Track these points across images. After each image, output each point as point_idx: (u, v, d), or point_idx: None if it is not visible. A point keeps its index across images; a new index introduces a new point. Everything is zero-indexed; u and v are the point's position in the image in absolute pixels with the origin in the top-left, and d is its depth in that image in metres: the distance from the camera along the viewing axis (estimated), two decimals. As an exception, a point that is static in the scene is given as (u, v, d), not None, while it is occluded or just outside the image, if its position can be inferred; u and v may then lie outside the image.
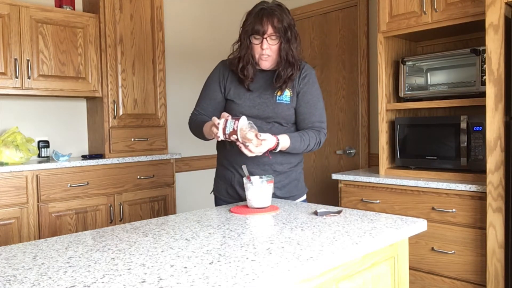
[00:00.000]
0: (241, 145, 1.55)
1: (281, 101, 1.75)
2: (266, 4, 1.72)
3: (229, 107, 1.80)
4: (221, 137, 1.55)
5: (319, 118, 1.80)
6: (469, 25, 2.41)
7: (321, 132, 1.79)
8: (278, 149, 1.65)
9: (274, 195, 1.79)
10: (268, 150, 1.61)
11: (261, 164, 1.77)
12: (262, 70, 1.80)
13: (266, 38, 1.68)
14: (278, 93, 1.76)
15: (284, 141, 1.66)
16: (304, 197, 1.92)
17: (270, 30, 1.67)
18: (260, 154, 1.58)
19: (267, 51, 1.70)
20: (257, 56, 1.73)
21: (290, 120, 1.79)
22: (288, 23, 1.70)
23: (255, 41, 1.71)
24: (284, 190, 1.82)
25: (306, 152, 1.78)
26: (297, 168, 1.87)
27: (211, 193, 1.97)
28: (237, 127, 1.51)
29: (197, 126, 1.82)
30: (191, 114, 1.91)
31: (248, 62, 1.73)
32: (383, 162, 2.73)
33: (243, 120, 1.53)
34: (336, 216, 1.42)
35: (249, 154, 1.56)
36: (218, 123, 1.54)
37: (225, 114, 1.57)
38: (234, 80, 1.80)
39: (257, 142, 1.53)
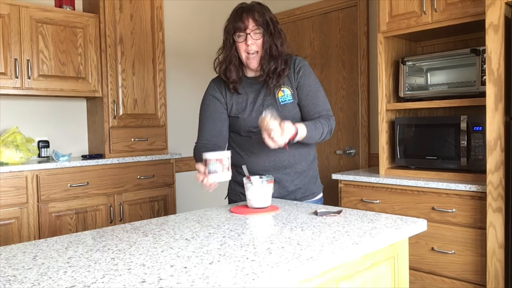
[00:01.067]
0: (265, 135, 1.45)
1: (285, 102, 1.72)
2: (245, 4, 1.70)
3: (235, 124, 1.74)
4: (229, 175, 1.48)
5: (323, 106, 1.75)
6: (469, 25, 2.41)
7: (330, 119, 1.74)
8: (296, 139, 1.54)
9: (294, 198, 1.78)
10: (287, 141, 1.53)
11: (282, 168, 1.74)
12: (254, 79, 1.76)
13: (249, 34, 1.65)
14: (280, 95, 1.72)
15: (302, 130, 1.57)
16: (321, 194, 1.89)
17: (251, 24, 1.64)
18: (283, 144, 1.47)
19: (253, 47, 1.66)
20: (243, 55, 1.68)
21: (299, 118, 1.75)
22: (270, 17, 1.68)
23: (239, 39, 1.67)
24: (304, 188, 1.80)
25: (320, 141, 1.71)
26: (313, 165, 1.85)
27: (225, 198, 1.93)
28: (216, 158, 1.45)
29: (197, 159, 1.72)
30: (195, 144, 1.81)
31: (230, 62, 1.70)
32: (383, 162, 2.73)
33: (209, 155, 1.47)
34: (336, 216, 1.42)
35: (272, 146, 1.46)
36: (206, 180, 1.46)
37: (198, 177, 1.49)
38: (232, 96, 1.76)
39: (281, 131, 1.43)
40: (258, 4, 1.70)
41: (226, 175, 1.49)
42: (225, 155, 1.49)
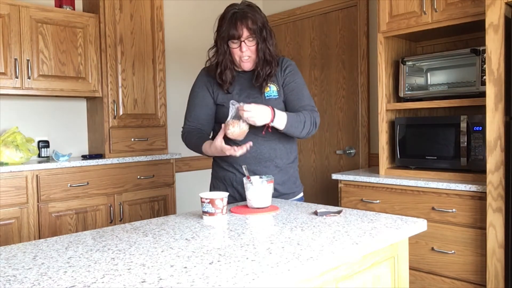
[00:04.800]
0: (247, 119, 1.57)
1: (270, 97, 1.78)
2: (236, 7, 1.72)
3: (221, 112, 1.81)
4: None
5: (308, 102, 1.79)
6: (469, 25, 2.41)
7: (314, 113, 1.77)
8: (275, 120, 1.61)
9: (277, 192, 1.80)
10: (267, 125, 1.62)
11: (263, 161, 1.78)
12: (243, 72, 1.82)
13: (243, 41, 1.70)
14: (266, 90, 1.78)
15: (279, 113, 1.63)
16: (302, 194, 1.95)
17: (245, 33, 1.69)
18: (268, 120, 1.58)
19: (247, 53, 1.72)
20: (237, 59, 1.74)
21: None
22: (262, 22, 1.71)
23: (233, 45, 1.72)
24: (285, 186, 1.84)
25: (304, 135, 1.73)
26: (294, 165, 1.90)
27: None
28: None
29: (194, 142, 1.82)
30: (184, 128, 1.89)
31: (226, 67, 1.75)
32: (383, 162, 2.73)
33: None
34: (336, 216, 1.42)
35: (258, 123, 1.58)
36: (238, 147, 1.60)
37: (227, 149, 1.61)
38: (220, 86, 1.82)
39: (246, 113, 1.55)
40: (249, 7, 1.72)
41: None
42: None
